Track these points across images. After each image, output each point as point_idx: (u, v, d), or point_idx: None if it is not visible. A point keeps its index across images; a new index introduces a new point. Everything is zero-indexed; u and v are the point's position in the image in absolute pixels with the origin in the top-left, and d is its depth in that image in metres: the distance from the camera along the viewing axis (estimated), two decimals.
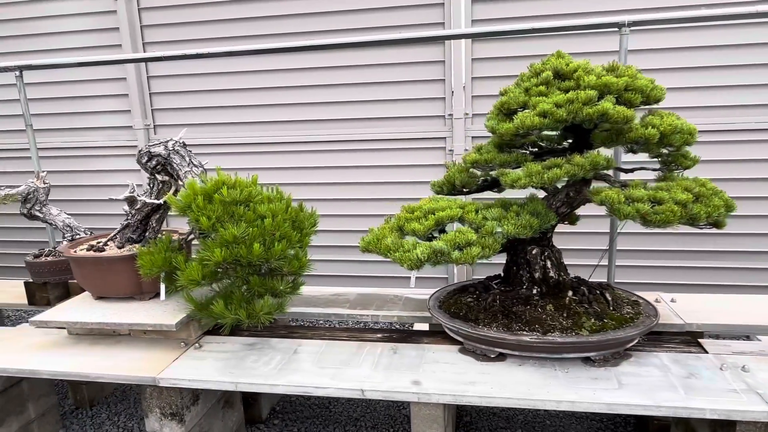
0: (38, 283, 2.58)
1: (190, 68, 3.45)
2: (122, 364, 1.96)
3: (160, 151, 2.04)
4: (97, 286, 2.19)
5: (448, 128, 3.21)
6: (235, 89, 3.44)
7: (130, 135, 3.62)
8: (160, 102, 3.55)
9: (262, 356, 1.98)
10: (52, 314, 2.13)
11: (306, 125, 3.40)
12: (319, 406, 2.69)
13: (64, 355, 2.06)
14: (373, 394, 1.71)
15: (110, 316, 2.08)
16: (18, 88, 2.87)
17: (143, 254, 1.98)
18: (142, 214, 2.25)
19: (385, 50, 3.19)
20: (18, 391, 2.34)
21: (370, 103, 3.30)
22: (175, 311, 2.10)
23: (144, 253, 1.99)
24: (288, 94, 3.39)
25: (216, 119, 3.51)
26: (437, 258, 1.56)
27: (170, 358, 1.99)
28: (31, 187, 2.56)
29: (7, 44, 3.63)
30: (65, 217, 2.67)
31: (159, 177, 2.12)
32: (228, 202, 1.86)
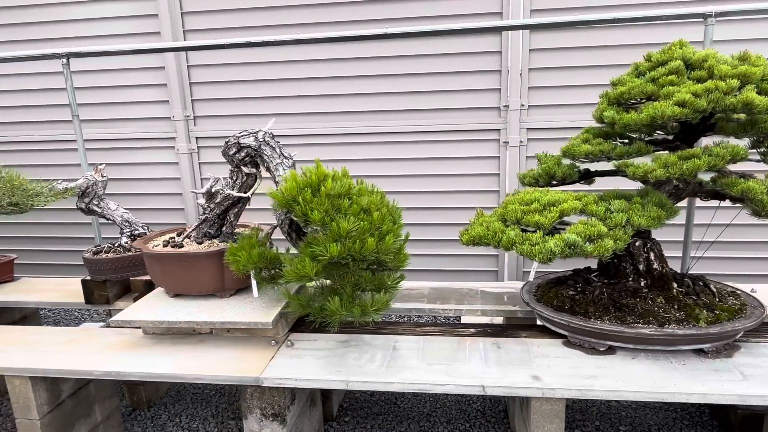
0: (98, 280, 2.47)
1: (231, 57, 3.33)
2: (215, 365, 1.88)
3: (250, 142, 1.96)
4: (177, 284, 2.10)
5: (503, 120, 3.17)
6: (279, 79, 3.34)
7: (168, 126, 3.49)
8: (200, 92, 3.43)
9: (362, 353, 1.93)
10: (132, 313, 2.03)
11: (352, 116, 3.32)
12: (386, 402, 2.64)
13: (149, 355, 1.97)
14: (493, 390, 1.67)
15: (197, 315, 1.99)
16: (65, 77, 2.73)
17: (238, 250, 1.90)
18: (221, 208, 2.16)
19: (438, 40, 3.13)
20: (86, 393, 2.24)
21: (420, 94, 3.24)
22: (264, 308, 2.03)
23: (238, 248, 1.91)
24: (333, 84, 3.30)
25: (257, 110, 3.40)
26: (570, 251, 1.53)
27: (264, 357, 1.92)
28: (89, 180, 2.44)
29: (35, 30, 3.45)
30: (123, 211, 2.56)
31: (245, 169, 2.03)
32: (334, 195, 1.79)
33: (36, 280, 2.96)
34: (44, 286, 2.85)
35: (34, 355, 2.03)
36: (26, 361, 1.99)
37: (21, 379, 1.97)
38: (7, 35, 3.47)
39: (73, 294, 2.69)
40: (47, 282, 2.93)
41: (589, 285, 1.97)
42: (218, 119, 3.45)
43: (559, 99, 3.11)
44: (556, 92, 3.10)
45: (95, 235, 2.96)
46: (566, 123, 3.11)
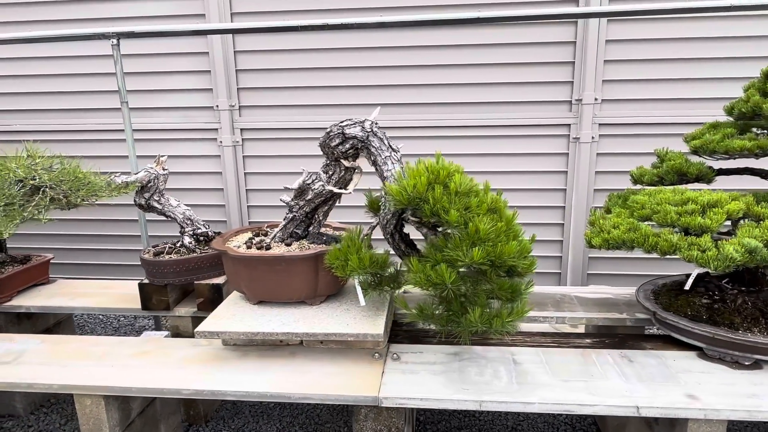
0: (158, 284, 2.23)
1: (280, 43, 3.10)
2: (319, 382, 1.68)
3: (356, 132, 1.75)
4: (266, 290, 1.89)
5: (575, 114, 3.01)
6: (331, 68, 3.12)
7: (211, 116, 3.24)
8: (246, 80, 3.19)
9: (482, 368, 1.74)
10: (219, 323, 1.81)
11: (411, 109, 3.13)
12: (465, 415, 2.47)
13: (239, 371, 1.75)
14: (649, 411, 1.50)
15: (293, 325, 1.78)
16: (114, 59, 2.48)
17: (345, 253, 1.70)
18: (311, 206, 1.95)
19: (504, 29, 2.95)
20: (152, 411, 2.02)
21: (485, 86, 3.06)
22: (364, 317, 1.83)
23: (344, 251, 1.71)
24: (390, 74, 3.10)
25: (307, 100, 3.18)
26: (750, 257, 1.36)
27: (372, 372, 1.73)
28: (151, 173, 2.20)
29: (66, 10, 3.17)
30: (185, 208, 2.33)
31: (346, 163, 1.83)
32: (462, 192, 1.60)
33: (74, 283, 2.70)
34: (86, 289, 2.60)
35: (105, 370, 1.80)
36: (98, 377, 1.76)
37: (94, 398, 1.74)
38: (38, 14, 3.18)
39: (123, 298, 2.45)
40: (87, 284, 2.68)
41: (722, 293, 1.81)
42: (265, 110, 3.22)
43: (633, 93, 2.96)
44: (630, 86, 2.95)
45: (142, 234, 2.71)
46: (639, 119, 2.97)
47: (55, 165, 1.81)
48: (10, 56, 3.24)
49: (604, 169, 3.05)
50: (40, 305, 2.42)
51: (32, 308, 2.41)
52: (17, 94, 3.32)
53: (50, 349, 1.97)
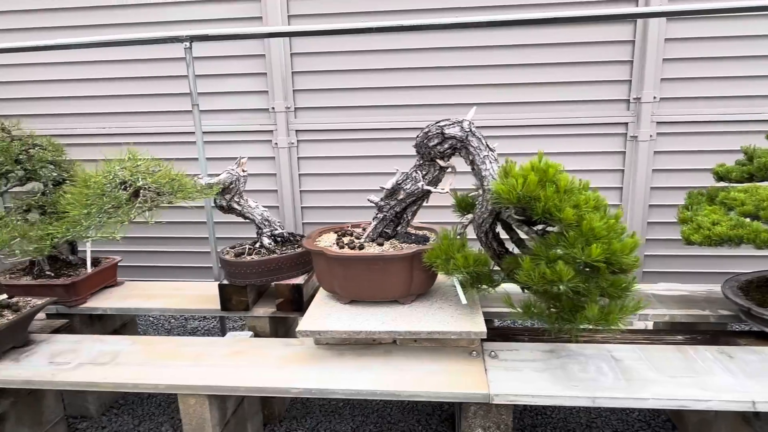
0: (239, 285, 2.25)
1: (335, 45, 3.12)
2: (424, 379, 1.69)
3: (456, 132, 1.77)
4: (361, 289, 1.90)
5: (632, 113, 3.02)
6: (385, 69, 3.14)
7: (267, 118, 3.26)
8: (302, 82, 3.21)
9: (584, 365, 1.75)
10: (317, 323, 1.83)
11: (467, 109, 3.13)
12: (538, 413, 2.47)
13: (340, 369, 1.77)
14: (766, 406, 1.51)
15: (392, 324, 1.80)
16: (186, 62, 2.50)
17: (447, 251, 1.71)
18: (402, 205, 1.96)
19: (562, 29, 2.97)
20: (242, 410, 2.03)
21: (541, 86, 3.07)
22: (461, 315, 1.84)
23: (445, 250, 1.72)
24: (445, 74, 3.11)
25: (361, 101, 3.19)
26: None
27: (474, 369, 1.74)
28: (232, 175, 2.22)
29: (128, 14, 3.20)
30: (263, 209, 2.35)
31: (441, 163, 1.84)
32: (568, 190, 1.62)
33: (143, 284, 2.72)
34: (157, 291, 2.62)
35: (204, 370, 1.82)
36: (200, 377, 1.77)
37: (198, 397, 1.75)
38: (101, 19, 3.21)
39: (197, 299, 2.47)
40: (157, 286, 2.70)
41: None
42: (319, 111, 3.23)
43: (692, 91, 2.97)
44: (688, 84, 2.96)
45: (210, 236, 2.73)
46: (697, 117, 2.98)
47: (152, 167, 1.82)
48: (82, 60, 3.26)
49: (661, 167, 3.06)
50: (116, 307, 2.43)
51: (109, 310, 2.43)
52: (89, 98, 3.35)
53: (144, 350, 1.98)
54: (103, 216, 1.72)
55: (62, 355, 1.97)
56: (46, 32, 3.22)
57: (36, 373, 1.83)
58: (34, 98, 3.39)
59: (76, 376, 1.81)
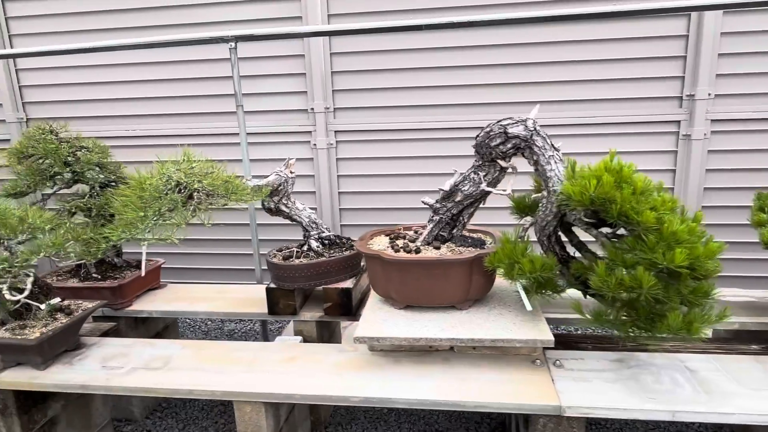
0: (287, 288, 2.21)
1: (374, 44, 3.07)
2: (489, 389, 1.62)
3: (520, 131, 1.69)
4: (419, 294, 1.84)
5: (685, 110, 2.90)
6: (426, 68, 3.07)
7: (306, 119, 3.22)
8: (341, 82, 3.16)
9: (657, 375, 1.66)
10: (375, 329, 1.77)
11: (510, 108, 3.05)
12: (593, 423, 2.38)
13: (399, 377, 1.71)
14: None
15: (452, 331, 1.73)
16: (231, 63, 2.48)
17: (511, 255, 1.64)
18: (459, 208, 1.90)
19: (609, 24, 2.87)
20: (293, 418, 1.99)
21: (586, 84, 2.97)
22: (525, 323, 1.76)
23: (507, 254, 1.65)
24: (486, 72, 3.03)
25: (401, 101, 3.13)
26: None
27: (540, 379, 1.66)
28: (281, 177, 2.18)
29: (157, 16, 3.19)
30: (310, 212, 2.30)
31: (502, 163, 1.77)
32: (641, 192, 1.53)
33: (186, 287, 2.71)
34: (201, 294, 2.60)
35: (259, 377, 1.78)
36: (256, 383, 1.73)
37: (254, 405, 1.71)
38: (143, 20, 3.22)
39: (242, 302, 2.44)
40: (200, 289, 2.68)
41: None
42: (359, 111, 3.19)
43: (749, 88, 2.84)
44: (746, 80, 2.83)
45: (252, 238, 2.70)
46: (754, 114, 2.85)
47: (207, 169, 1.79)
48: (127, 62, 3.28)
49: (715, 166, 2.94)
50: (162, 310, 2.42)
51: (155, 313, 2.42)
52: (133, 100, 3.36)
53: (195, 355, 1.95)
54: (159, 219, 1.69)
55: (114, 359, 1.95)
56: (92, 35, 3.23)
57: (90, 378, 1.81)
58: (80, 100, 3.41)
59: (131, 381, 1.78)
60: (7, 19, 3.34)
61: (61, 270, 2.56)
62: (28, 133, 2.32)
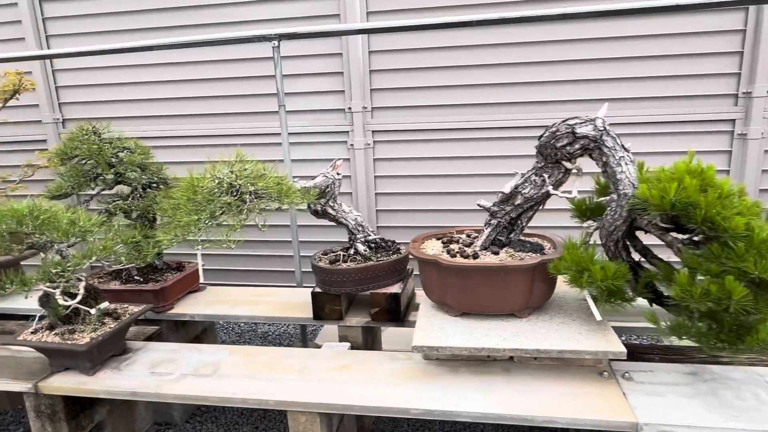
0: (333, 293, 2.15)
1: (414, 42, 3.00)
2: (556, 403, 1.54)
3: (588, 131, 1.61)
4: (476, 301, 1.76)
5: (740, 108, 2.78)
6: (466, 66, 2.99)
7: (343, 119, 3.17)
8: (379, 81, 3.10)
9: (737, 391, 1.56)
10: (434, 338, 1.69)
11: (553, 107, 2.96)
12: None
13: (458, 388, 1.64)
14: None
15: (515, 340, 1.65)
16: (274, 62, 2.42)
17: (579, 262, 1.56)
18: (518, 211, 1.82)
19: (659, 19, 2.75)
20: (342, 427, 1.93)
21: (633, 81, 2.86)
22: (592, 332, 1.68)
23: (575, 261, 1.57)
24: (527, 70, 2.94)
25: (441, 100, 3.06)
26: None
27: (610, 392, 1.57)
28: (329, 178, 2.12)
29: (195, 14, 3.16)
30: (357, 214, 2.24)
31: (568, 165, 1.69)
32: (729, 195, 1.44)
33: (225, 290, 2.67)
34: (241, 297, 2.55)
35: (312, 385, 1.72)
36: (309, 393, 1.67)
37: (309, 415, 1.66)
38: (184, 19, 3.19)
39: (284, 307, 2.39)
40: (239, 291, 2.64)
41: None
42: (397, 111, 3.12)
43: None
44: None
45: (293, 240, 2.65)
46: None
47: (259, 171, 1.74)
48: (159, 62, 3.26)
49: None
50: (204, 313, 2.38)
51: (197, 316, 2.38)
52: (172, 100, 3.34)
53: (244, 361, 1.90)
54: (211, 221, 1.64)
55: (162, 365, 1.91)
56: (128, 35, 3.22)
57: (140, 384, 1.77)
58: (116, 101, 3.40)
59: (182, 388, 1.74)
60: (44, 19, 3.35)
61: (102, 272, 2.54)
62: (71, 133, 2.30)
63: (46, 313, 1.87)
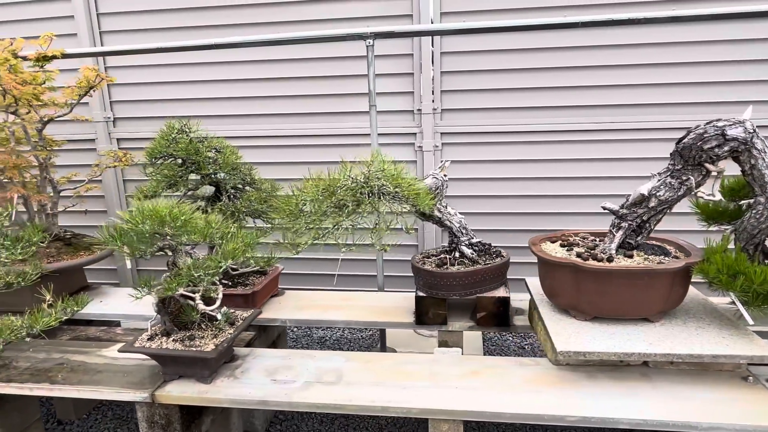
0: (439, 297, 2.11)
1: (485, 44, 2.97)
2: (714, 409, 1.52)
3: (739, 133, 1.59)
4: (613, 305, 1.73)
5: None
6: (537, 68, 2.98)
7: (411, 120, 3.12)
8: (449, 83, 3.06)
9: None
10: (577, 343, 1.66)
11: (626, 111, 2.96)
12: None
13: (604, 395, 1.61)
14: None
15: (660, 346, 1.62)
16: (368, 61, 2.38)
17: (732, 266, 1.54)
18: (649, 214, 1.79)
19: (737, 24, 2.77)
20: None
21: (709, 86, 2.87)
22: (735, 337, 1.66)
23: (726, 264, 1.55)
24: (599, 74, 2.94)
25: (511, 103, 3.03)
26: None
27: (762, 399, 1.56)
28: (438, 180, 2.08)
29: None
30: (461, 216, 2.20)
31: (711, 167, 1.67)
32: None
33: (304, 294, 2.60)
34: (326, 301, 2.49)
35: (450, 393, 1.67)
36: (452, 401, 1.62)
37: (452, 423, 1.61)
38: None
39: (377, 311, 2.34)
40: (322, 296, 2.57)
41: None
42: (466, 113, 3.09)
43: None
44: None
45: (376, 242, 2.58)
46: None
47: (393, 171, 1.68)
48: (218, 60, 3.18)
49: None
50: (294, 318, 2.31)
51: (288, 321, 2.31)
52: (219, 100, 3.26)
53: (364, 368, 1.85)
54: (353, 223, 1.59)
55: (279, 372, 1.84)
56: (218, 30, 3.12)
57: (268, 393, 1.70)
58: (171, 100, 3.31)
59: (314, 396, 1.67)
60: (98, 15, 3.24)
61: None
62: (163, 132, 2.21)
63: (155, 320, 1.79)
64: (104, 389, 1.77)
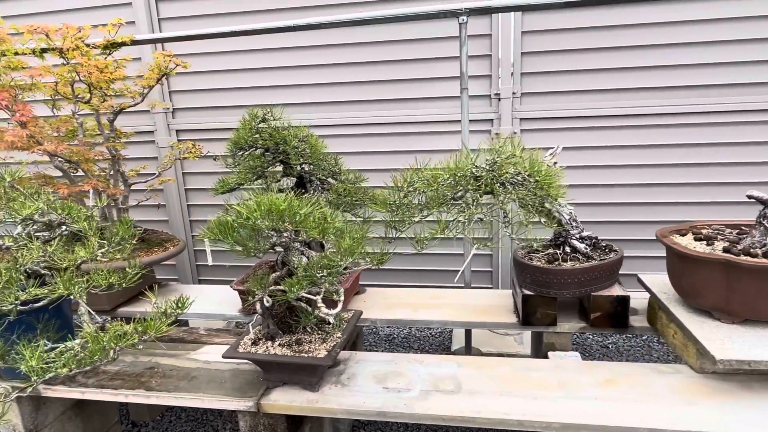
0: (549, 296, 1.93)
1: (571, 21, 2.75)
2: None
3: None
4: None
5: None
6: (624, 47, 2.75)
7: (487, 106, 2.93)
8: (530, 64, 2.86)
9: None
10: (743, 351, 1.47)
11: (697, 92, 2.72)
12: None
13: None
14: None
15: None
16: (460, 41, 2.19)
17: None
18: None
19: None
20: None
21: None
22: None
23: None
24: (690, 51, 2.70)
25: (598, 85, 2.82)
26: None
27: None
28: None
29: None
30: (571, 208, 2.01)
31: None
32: None
33: (391, 292, 2.46)
34: (413, 300, 2.33)
35: (591, 405, 1.50)
36: (600, 415, 1.45)
37: None
38: None
39: (474, 310, 2.18)
40: (406, 293, 2.42)
41: None
42: (549, 96, 2.88)
43: None
44: None
45: (463, 236, 2.41)
46: None
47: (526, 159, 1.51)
48: (270, 47, 3.03)
49: None
50: (387, 318, 2.16)
51: (378, 321, 2.16)
52: (282, 87, 3.12)
53: (482, 374, 1.68)
54: (469, 213, 1.42)
55: (388, 379, 1.69)
56: (274, 14, 2.97)
57: (385, 404, 1.55)
58: (229, 89, 3.18)
59: (437, 407, 1.51)
60: (157, 1, 3.11)
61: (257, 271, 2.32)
62: (245, 121, 2.07)
63: (254, 321, 1.65)
64: (204, 397, 1.64)
